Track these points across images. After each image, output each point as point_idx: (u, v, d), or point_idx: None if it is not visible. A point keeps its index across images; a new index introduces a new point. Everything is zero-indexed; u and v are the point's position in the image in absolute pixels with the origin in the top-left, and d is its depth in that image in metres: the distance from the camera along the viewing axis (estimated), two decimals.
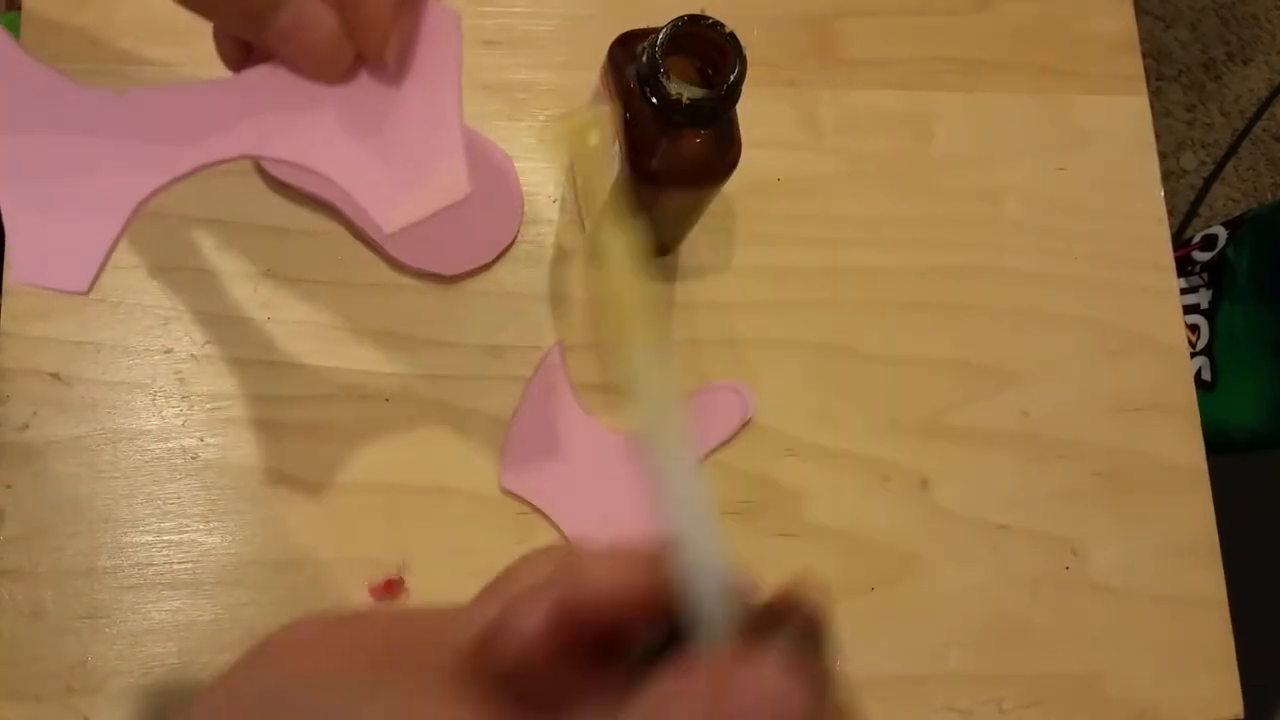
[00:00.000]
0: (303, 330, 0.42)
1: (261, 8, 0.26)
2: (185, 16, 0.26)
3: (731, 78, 0.33)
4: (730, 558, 0.19)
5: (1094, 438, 0.46)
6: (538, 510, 0.41)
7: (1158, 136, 0.51)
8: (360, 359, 0.42)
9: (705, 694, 0.17)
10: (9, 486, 0.39)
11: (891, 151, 0.48)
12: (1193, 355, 0.78)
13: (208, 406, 0.41)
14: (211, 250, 0.42)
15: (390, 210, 0.27)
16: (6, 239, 0.27)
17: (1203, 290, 0.80)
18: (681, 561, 0.19)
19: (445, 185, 0.27)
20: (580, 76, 0.46)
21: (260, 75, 0.28)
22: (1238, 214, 0.83)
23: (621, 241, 0.21)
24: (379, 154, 0.28)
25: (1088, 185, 0.49)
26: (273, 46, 0.27)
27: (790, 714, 0.17)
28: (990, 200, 0.48)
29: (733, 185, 0.38)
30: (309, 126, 0.28)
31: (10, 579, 0.38)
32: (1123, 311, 0.48)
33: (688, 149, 0.35)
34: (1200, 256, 0.82)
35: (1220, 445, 0.69)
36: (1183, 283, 0.77)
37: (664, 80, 0.33)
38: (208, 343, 0.41)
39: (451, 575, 0.40)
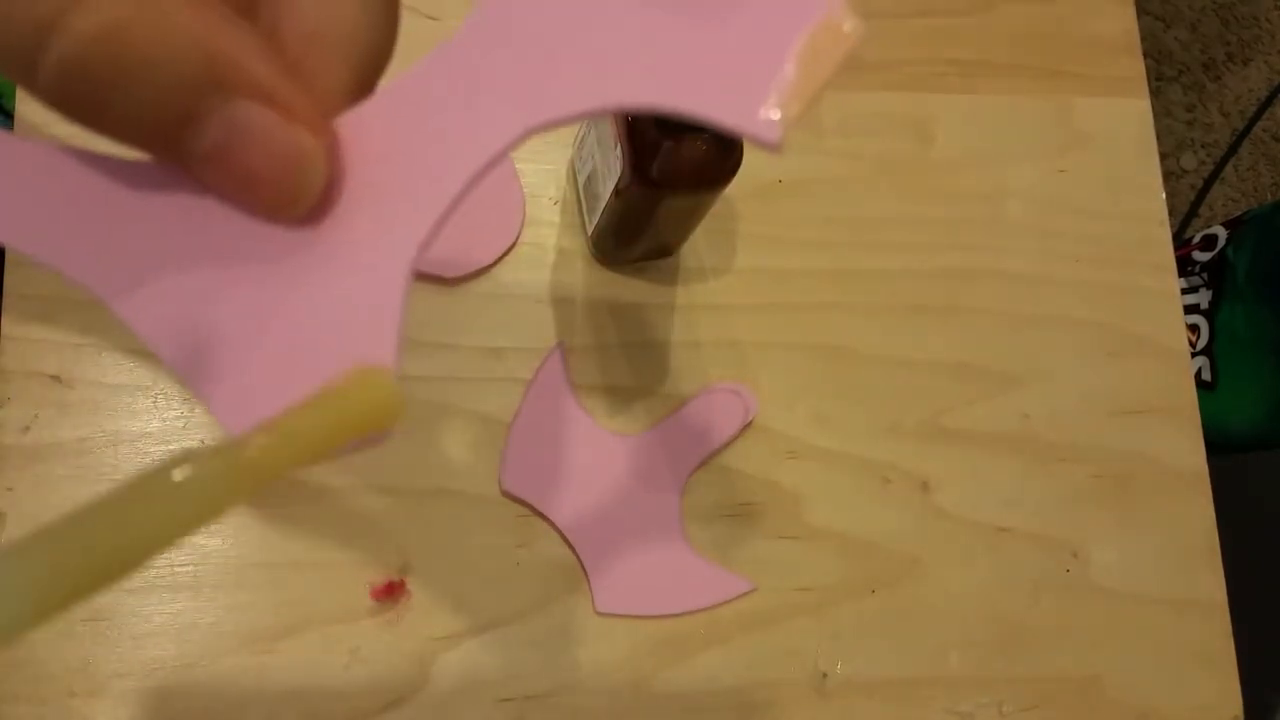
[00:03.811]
0: None
1: (176, 120, 0.17)
2: None
3: None
4: None
5: (1095, 440, 0.46)
6: (538, 513, 0.41)
7: (1158, 137, 0.51)
8: None
9: None
10: (10, 489, 0.39)
11: (892, 153, 0.48)
12: (1193, 355, 0.78)
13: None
14: None
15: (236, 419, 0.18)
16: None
17: (1203, 290, 0.80)
18: None
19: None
20: None
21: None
22: (1238, 214, 0.83)
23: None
24: (267, 347, 0.19)
25: (1089, 187, 0.49)
26: (195, 174, 0.18)
27: None
28: (991, 202, 0.48)
29: (734, 187, 0.38)
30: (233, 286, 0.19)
31: None
32: (1124, 314, 0.48)
33: (690, 153, 0.35)
34: (1200, 256, 0.82)
35: (1220, 445, 0.69)
36: (1183, 283, 0.77)
37: None
38: None
39: (452, 577, 0.40)
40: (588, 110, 0.18)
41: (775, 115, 0.17)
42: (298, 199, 0.18)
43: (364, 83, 0.19)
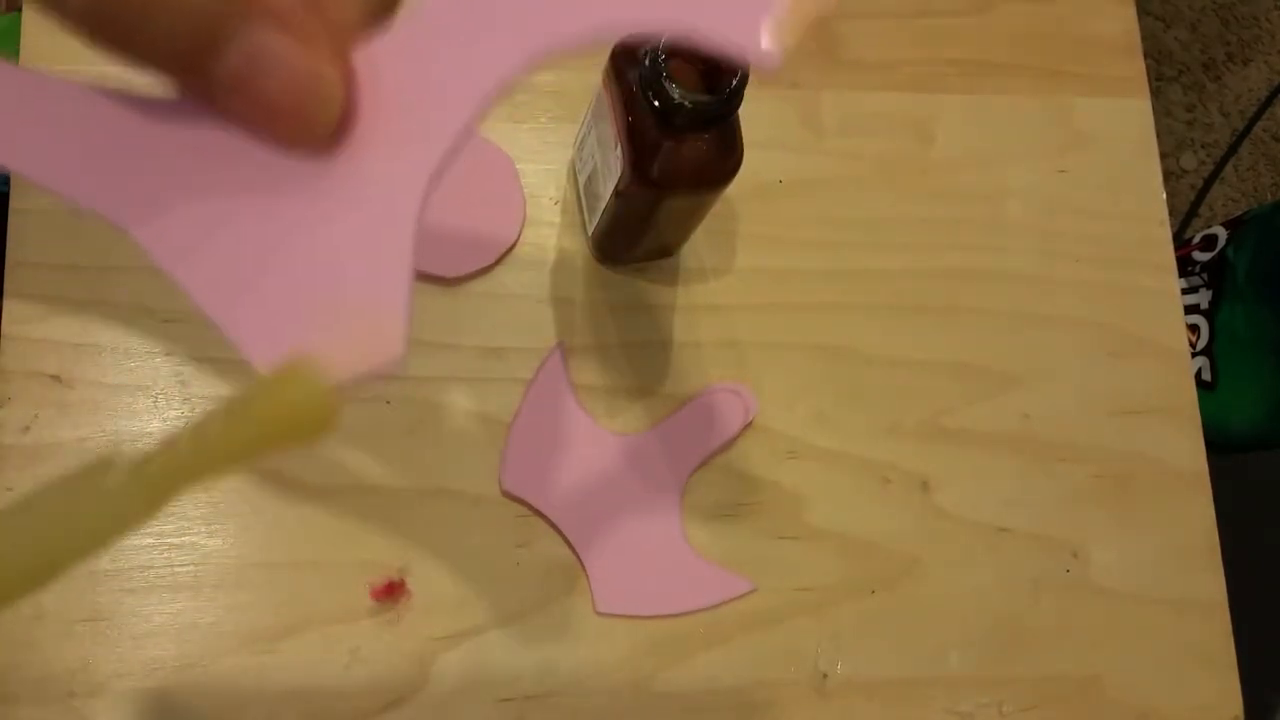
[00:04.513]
0: None
1: (199, 44, 0.17)
2: None
3: (734, 82, 0.33)
4: None
5: (1095, 440, 0.46)
6: (538, 513, 0.41)
7: (1158, 137, 0.51)
8: None
9: None
10: (10, 489, 0.39)
11: (893, 153, 0.48)
12: (1193, 355, 0.78)
13: (209, 409, 0.41)
14: None
15: (268, 354, 0.19)
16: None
17: (1203, 290, 0.80)
18: None
19: (367, 345, 0.19)
20: (582, 78, 0.46)
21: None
22: (1238, 214, 0.83)
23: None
24: (282, 276, 0.19)
25: (1089, 187, 0.49)
26: (218, 104, 0.19)
27: None
28: (991, 202, 0.48)
29: (734, 187, 0.38)
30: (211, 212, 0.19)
31: None
32: (1124, 314, 0.48)
33: (690, 153, 0.35)
34: (1200, 256, 0.82)
35: (1220, 445, 0.69)
36: (1183, 283, 0.77)
37: (666, 84, 0.33)
38: (209, 345, 0.41)
39: (452, 577, 0.40)
40: (591, 36, 0.18)
41: (775, 38, 0.17)
42: (315, 127, 0.19)
43: (379, 16, 0.20)
